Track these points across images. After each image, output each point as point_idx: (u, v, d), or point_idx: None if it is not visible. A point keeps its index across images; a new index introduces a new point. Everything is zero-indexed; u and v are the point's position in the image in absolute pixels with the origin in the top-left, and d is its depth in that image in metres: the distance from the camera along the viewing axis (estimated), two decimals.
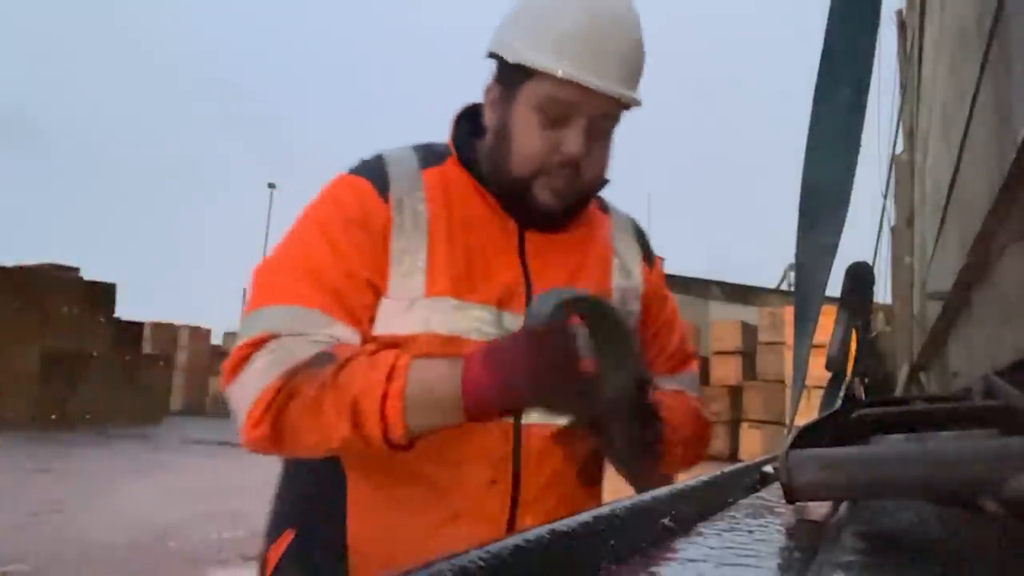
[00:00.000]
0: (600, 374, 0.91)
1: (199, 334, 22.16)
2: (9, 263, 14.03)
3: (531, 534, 0.43)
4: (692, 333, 13.91)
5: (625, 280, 1.18)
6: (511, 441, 1.03)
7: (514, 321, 1.02)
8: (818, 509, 0.66)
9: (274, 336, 0.95)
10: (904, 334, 3.08)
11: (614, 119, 1.05)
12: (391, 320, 1.01)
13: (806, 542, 0.54)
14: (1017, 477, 0.42)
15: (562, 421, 0.96)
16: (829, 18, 0.99)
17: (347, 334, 0.98)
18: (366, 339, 1.00)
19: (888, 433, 0.59)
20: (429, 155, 1.10)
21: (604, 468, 1.18)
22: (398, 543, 1.00)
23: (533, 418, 1.02)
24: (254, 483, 1.55)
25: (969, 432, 0.56)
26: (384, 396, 0.88)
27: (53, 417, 13.10)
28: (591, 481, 1.14)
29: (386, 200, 1.03)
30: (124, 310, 16.53)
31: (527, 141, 1.01)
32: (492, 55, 1.06)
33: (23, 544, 4.63)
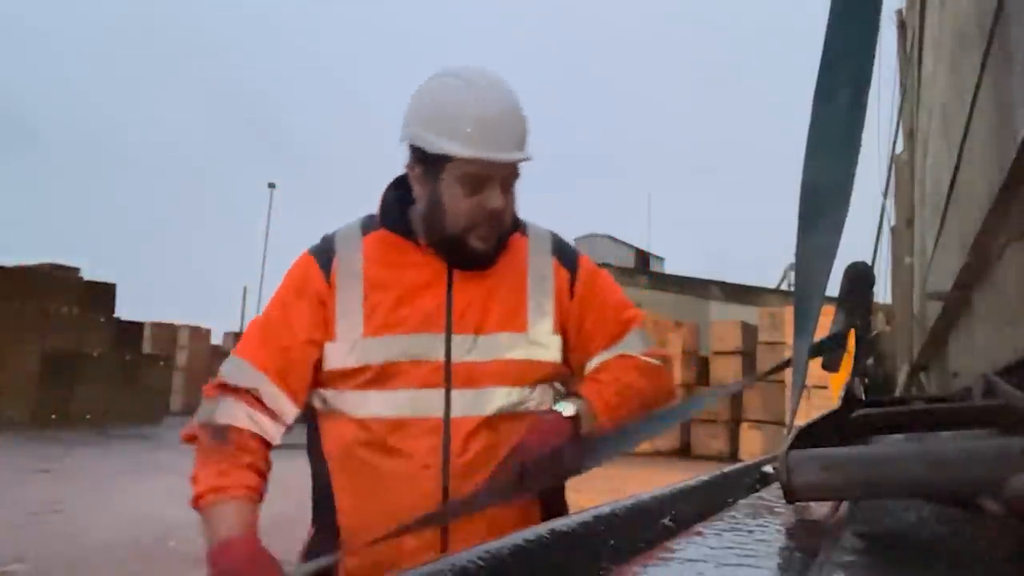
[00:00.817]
0: None
1: (199, 334, 22.15)
2: (9, 263, 14.05)
3: (531, 534, 0.43)
4: (692, 332, 13.92)
5: (539, 288, 1.41)
6: (440, 434, 1.30)
7: (433, 343, 1.31)
8: (818, 509, 0.66)
9: (218, 386, 1.34)
10: (904, 334, 3.08)
11: (516, 174, 1.33)
12: (338, 358, 1.32)
13: (806, 542, 0.54)
14: (1017, 477, 0.42)
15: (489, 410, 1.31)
16: (829, 18, 0.99)
17: (273, 391, 1.33)
18: (295, 375, 1.34)
19: (888, 433, 0.59)
20: (370, 222, 1.41)
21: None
22: (367, 519, 1.28)
23: (457, 412, 1.30)
24: None
25: (969, 432, 0.56)
26: (198, 496, 1.30)
27: (53, 417, 13.10)
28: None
29: (328, 270, 1.35)
30: (124, 310, 16.54)
31: (456, 207, 1.29)
32: (410, 145, 1.33)
33: (23, 544, 4.63)
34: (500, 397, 1.32)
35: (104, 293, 15.32)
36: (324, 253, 1.37)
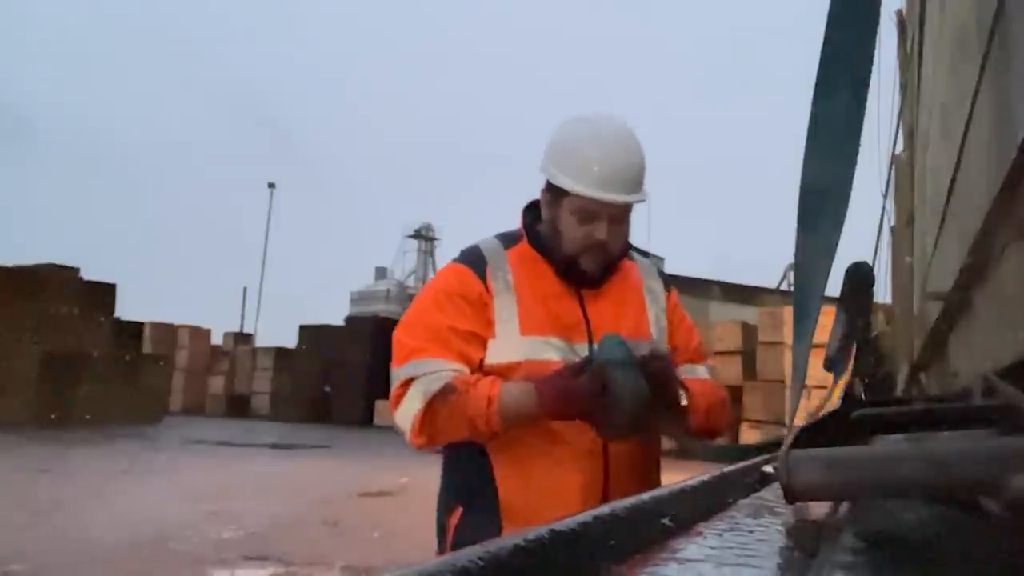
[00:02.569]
0: (612, 399, 1.34)
1: (199, 334, 22.16)
2: (9, 263, 14.03)
3: (531, 534, 0.43)
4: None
5: (655, 304, 1.68)
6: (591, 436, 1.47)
7: (580, 348, 1.51)
8: (818, 509, 0.66)
9: (413, 379, 1.46)
10: (904, 334, 3.08)
11: (626, 211, 1.54)
12: (499, 353, 1.50)
13: (806, 542, 0.54)
14: (1017, 477, 0.42)
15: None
16: (829, 18, 0.99)
17: (458, 367, 1.47)
18: (474, 368, 1.49)
19: (888, 433, 0.59)
20: (508, 239, 1.61)
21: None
22: (534, 499, 1.46)
23: None
24: (254, 483, 1.55)
25: (969, 432, 0.56)
26: (487, 417, 1.41)
27: (53, 417, 13.10)
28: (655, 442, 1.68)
29: (483, 277, 1.53)
30: (124, 310, 16.52)
31: (570, 235, 1.52)
32: (543, 173, 1.54)
33: (23, 544, 4.63)
34: None
35: (104, 293, 15.32)
36: (476, 263, 1.55)
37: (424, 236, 42.52)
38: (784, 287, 18.68)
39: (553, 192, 1.53)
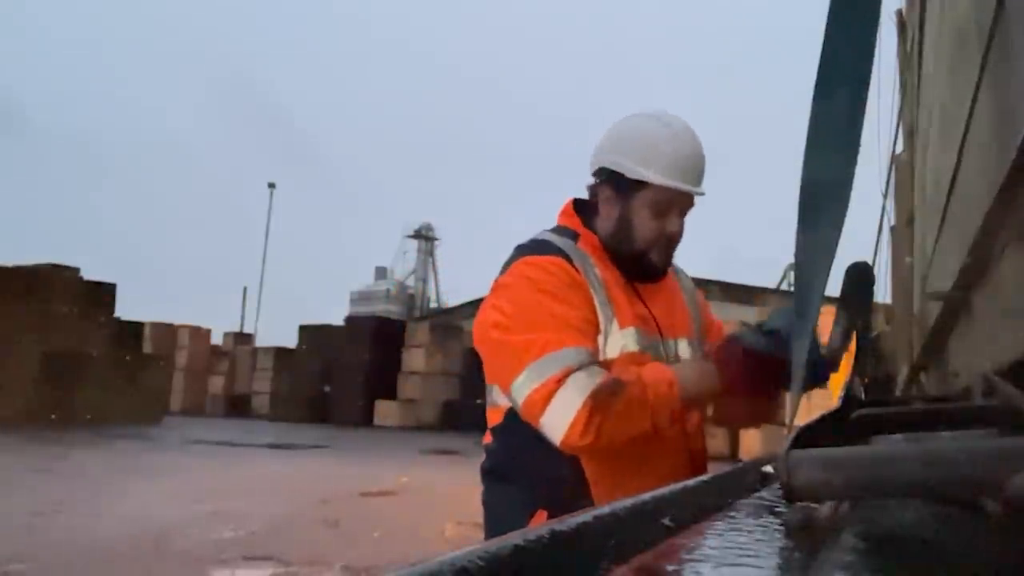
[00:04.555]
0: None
1: (199, 334, 22.18)
2: (9, 263, 14.04)
3: (531, 534, 0.43)
4: None
5: (692, 303, 1.71)
6: (682, 420, 1.49)
7: (657, 343, 1.53)
8: (818, 509, 0.66)
9: (565, 372, 1.35)
10: (904, 334, 3.08)
11: (692, 205, 1.55)
12: (603, 347, 1.46)
13: (806, 542, 0.54)
14: (1017, 477, 0.42)
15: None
16: (829, 18, 0.99)
17: (596, 357, 1.42)
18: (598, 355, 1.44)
19: (888, 433, 0.59)
20: (568, 235, 1.56)
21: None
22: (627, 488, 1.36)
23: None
24: (254, 483, 1.55)
25: (969, 432, 0.56)
26: (671, 402, 1.38)
27: (53, 417, 13.10)
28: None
29: (576, 268, 1.48)
30: (124, 310, 16.53)
31: (644, 228, 1.51)
32: (605, 170, 1.53)
33: (23, 544, 4.63)
34: None
35: (104, 293, 15.33)
36: (562, 255, 1.49)
37: (424, 236, 42.55)
38: (784, 287, 18.68)
39: (622, 186, 1.51)
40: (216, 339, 23.19)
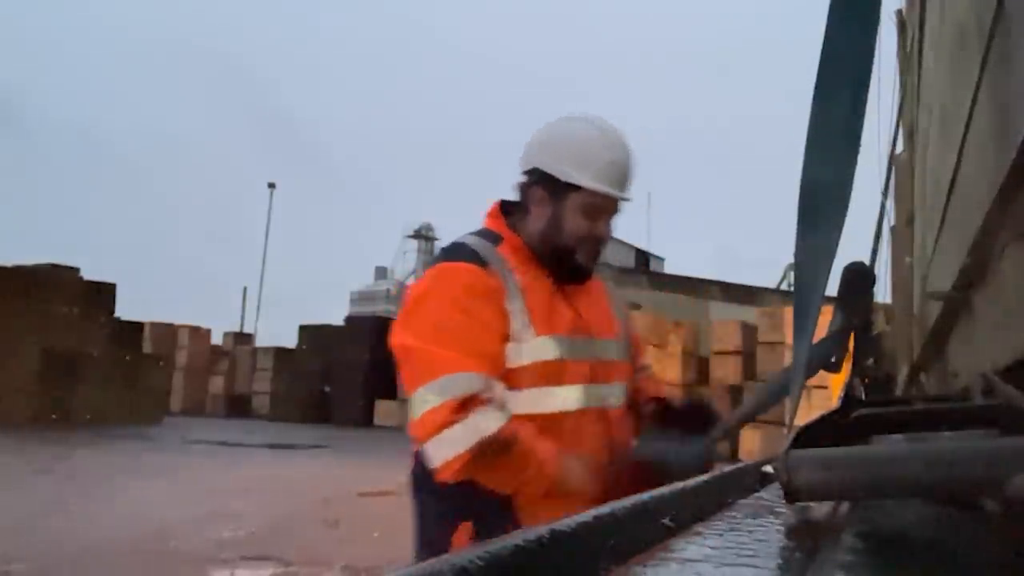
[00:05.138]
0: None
1: (199, 334, 22.16)
2: (9, 263, 14.04)
3: (531, 534, 0.43)
4: (692, 332, 13.92)
5: (613, 299, 1.72)
6: (604, 423, 1.55)
7: (583, 345, 1.54)
8: (818, 509, 0.66)
9: (457, 405, 1.36)
10: (904, 334, 3.08)
11: (620, 210, 1.58)
12: (514, 355, 1.46)
13: (806, 542, 0.54)
14: (1017, 477, 0.42)
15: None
16: (829, 18, 0.99)
17: (492, 382, 1.42)
18: (500, 372, 1.44)
19: (888, 433, 0.59)
20: (491, 238, 1.55)
21: None
22: (552, 501, 1.41)
23: (610, 403, 1.58)
24: (254, 483, 1.55)
25: (969, 432, 0.56)
26: (538, 485, 1.41)
27: (53, 417, 13.10)
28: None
29: (491, 274, 1.47)
30: (124, 310, 16.52)
31: (574, 229, 1.53)
32: (537, 171, 1.54)
33: (23, 544, 4.63)
34: (621, 391, 1.62)
35: (104, 293, 15.31)
36: (478, 261, 1.49)
37: (424, 236, 42.54)
38: (784, 287, 18.68)
39: (555, 188, 1.52)
40: (216, 339, 23.18)
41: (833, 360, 1.30)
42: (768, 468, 0.95)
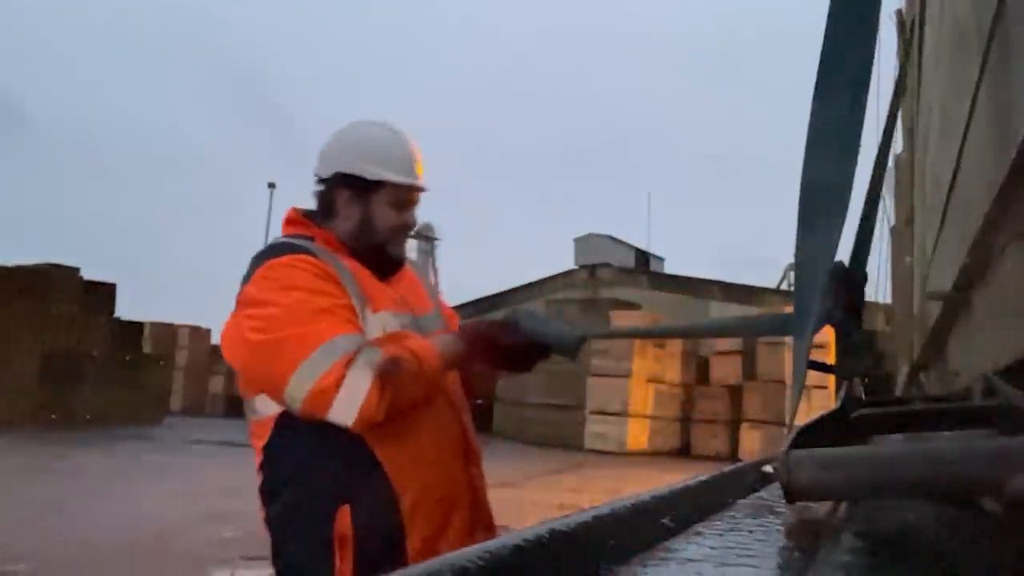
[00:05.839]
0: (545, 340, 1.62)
1: (199, 334, 22.15)
2: (9, 263, 14.03)
3: (531, 534, 0.43)
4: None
5: (429, 287, 1.87)
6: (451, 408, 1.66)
7: (411, 321, 1.64)
8: (818, 509, 0.66)
9: (348, 357, 1.42)
10: (904, 334, 3.08)
11: (419, 200, 1.72)
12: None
13: (806, 542, 0.54)
14: (1017, 477, 0.42)
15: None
16: (829, 18, 0.99)
17: (364, 339, 1.49)
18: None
19: (888, 433, 0.59)
20: (299, 240, 1.61)
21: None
22: (417, 462, 1.54)
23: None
24: (254, 483, 1.55)
25: (969, 432, 0.56)
26: (439, 372, 1.54)
27: (53, 417, 13.09)
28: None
29: (323, 262, 1.54)
30: (124, 310, 16.52)
31: (386, 223, 1.65)
32: (339, 175, 1.63)
33: (23, 544, 4.63)
34: None
35: (104, 293, 15.31)
36: (306, 252, 1.55)
37: (424, 236, 42.54)
38: (784, 287, 18.68)
39: (360, 188, 1.63)
40: (216, 339, 23.18)
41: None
42: (768, 468, 0.95)
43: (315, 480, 1.50)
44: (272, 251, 1.57)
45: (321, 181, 1.66)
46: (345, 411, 1.41)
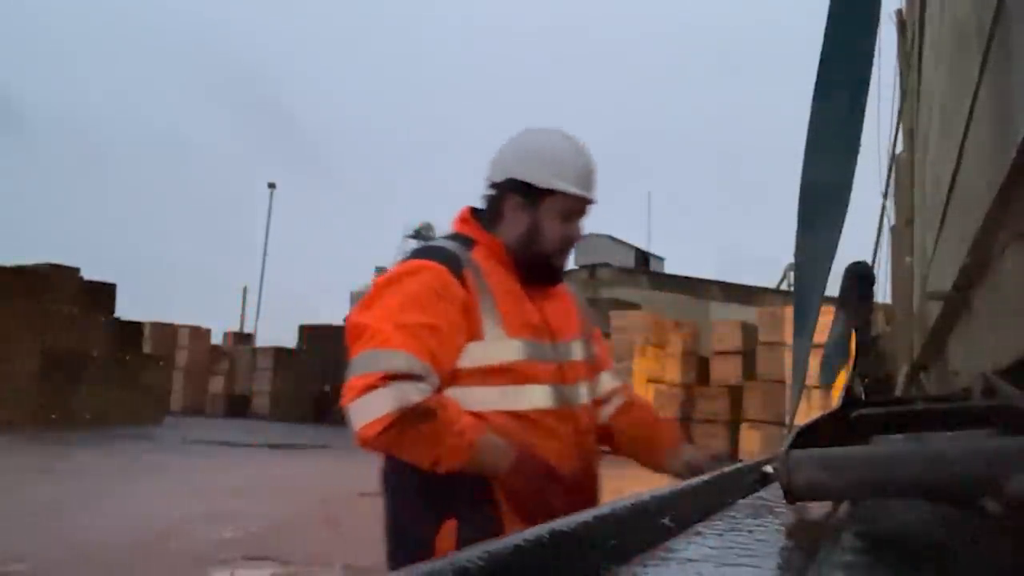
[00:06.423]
0: None
1: (199, 334, 22.16)
2: (9, 263, 14.03)
3: (531, 534, 0.43)
4: (692, 332, 13.93)
5: (581, 303, 1.83)
6: (574, 419, 1.62)
7: (547, 349, 1.60)
8: (818, 509, 0.66)
9: (389, 376, 1.40)
10: (904, 334, 3.08)
11: (588, 213, 1.68)
12: (483, 354, 1.52)
13: (806, 542, 0.54)
14: (1017, 477, 0.42)
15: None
16: (829, 18, 0.99)
17: (427, 366, 1.45)
18: (441, 371, 1.48)
19: (888, 433, 0.59)
20: (463, 243, 1.62)
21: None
22: (533, 494, 1.47)
23: (578, 401, 1.64)
24: (254, 483, 1.55)
25: (969, 432, 0.56)
26: (458, 457, 1.43)
27: (53, 417, 13.09)
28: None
29: (462, 278, 1.53)
30: (124, 310, 16.51)
31: (553, 234, 1.62)
32: (512, 181, 1.61)
33: (23, 544, 4.63)
34: (588, 390, 1.69)
35: (104, 293, 15.32)
36: (452, 263, 1.55)
37: (424, 236, 42.50)
38: (784, 287, 18.68)
39: (530, 196, 1.61)
40: (216, 339, 23.19)
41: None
42: (768, 468, 0.95)
43: (429, 488, 1.50)
44: (416, 252, 1.62)
45: (492, 186, 1.65)
46: (355, 415, 1.43)
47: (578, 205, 1.63)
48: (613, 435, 1.82)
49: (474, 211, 1.70)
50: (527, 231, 1.62)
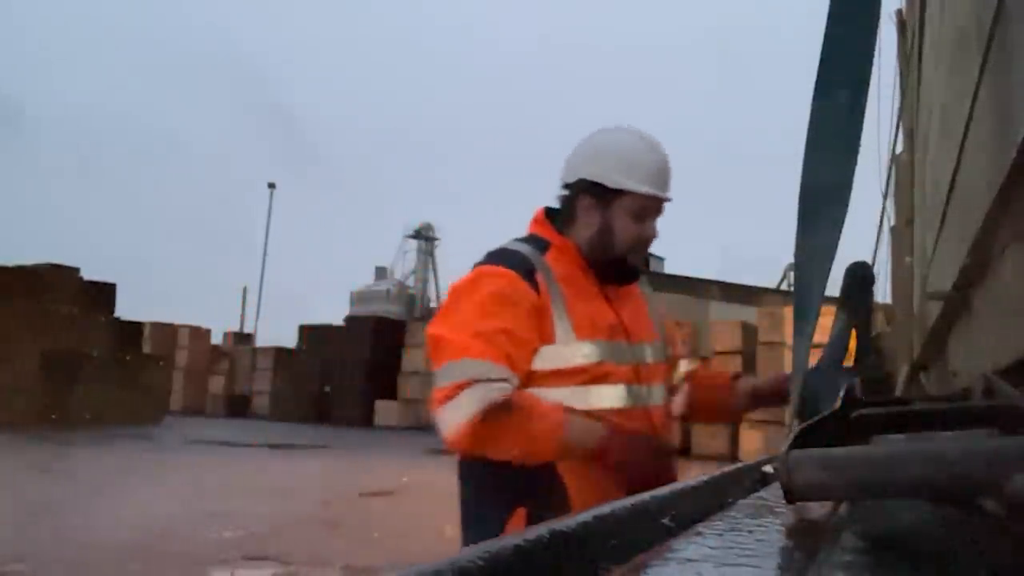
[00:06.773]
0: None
1: (199, 334, 22.17)
2: (9, 263, 14.03)
3: (531, 534, 0.43)
4: (692, 332, 13.94)
5: (651, 303, 1.81)
6: (647, 419, 1.63)
7: (622, 349, 1.61)
8: (818, 509, 0.66)
9: (472, 381, 1.45)
10: (904, 334, 3.08)
11: (663, 211, 1.67)
12: (556, 357, 1.55)
13: (806, 542, 0.54)
14: (1017, 477, 0.42)
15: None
16: (829, 18, 1.00)
17: (508, 372, 1.49)
18: (522, 374, 1.52)
19: (888, 433, 0.59)
20: (537, 245, 1.64)
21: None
22: (600, 486, 1.46)
23: (652, 402, 1.66)
24: (254, 483, 1.55)
25: (969, 432, 0.56)
26: (551, 442, 1.49)
27: (53, 417, 13.09)
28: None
29: (534, 283, 1.55)
30: (124, 310, 16.52)
31: (625, 233, 1.61)
32: (584, 181, 1.62)
33: (23, 544, 4.63)
34: (662, 391, 1.71)
35: (104, 293, 15.33)
36: (524, 268, 1.57)
37: (424, 236, 42.51)
38: (784, 287, 18.68)
39: (602, 196, 1.61)
40: (216, 339, 23.21)
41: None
42: (768, 468, 0.95)
43: (501, 474, 1.53)
44: (495, 256, 1.62)
45: (565, 186, 1.66)
46: (443, 422, 1.48)
47: (651, 204, 1.62)
48: (688, 416, 1.88)
49: (548, 212, 1.71)
50: (599, 231, 1.63)
